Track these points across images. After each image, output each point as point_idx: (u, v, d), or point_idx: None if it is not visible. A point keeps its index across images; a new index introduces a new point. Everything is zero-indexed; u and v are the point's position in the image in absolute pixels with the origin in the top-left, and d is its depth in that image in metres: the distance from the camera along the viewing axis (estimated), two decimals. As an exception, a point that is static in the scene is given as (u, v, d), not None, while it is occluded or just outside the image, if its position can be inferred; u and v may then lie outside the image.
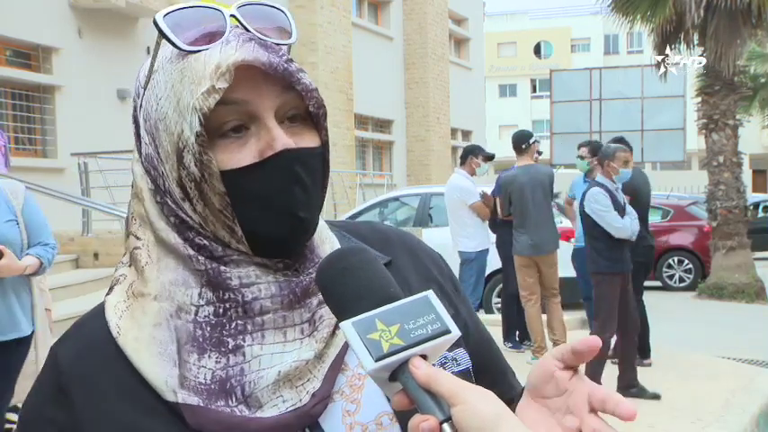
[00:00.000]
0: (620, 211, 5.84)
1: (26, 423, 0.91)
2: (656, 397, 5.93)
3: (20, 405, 3.94)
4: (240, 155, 0.85)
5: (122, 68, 12.06)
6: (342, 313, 0.75)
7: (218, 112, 0.83)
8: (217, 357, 0.85)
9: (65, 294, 7.37)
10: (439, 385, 0.69)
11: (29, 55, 11.43)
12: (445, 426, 0.68)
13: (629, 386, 5.87)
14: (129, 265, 0.93)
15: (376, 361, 0.70)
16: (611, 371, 6.93)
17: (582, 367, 0.80)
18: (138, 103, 0.91)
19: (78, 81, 11.61)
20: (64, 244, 8.99)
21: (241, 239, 0.87)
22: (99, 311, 0.93)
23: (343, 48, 17.82)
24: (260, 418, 0.83)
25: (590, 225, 5.91)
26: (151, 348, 0.85)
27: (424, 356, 0.72)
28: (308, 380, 0.86)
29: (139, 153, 0.92)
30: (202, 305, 0.87)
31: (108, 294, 0.94)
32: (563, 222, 8.98)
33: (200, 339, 0.86)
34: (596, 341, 0.77)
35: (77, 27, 11.73)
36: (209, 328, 0.86)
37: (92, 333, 0.91)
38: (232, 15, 0.87)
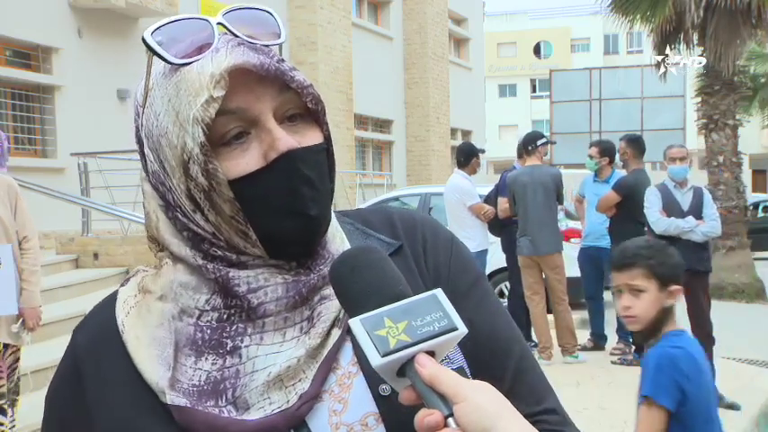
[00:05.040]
0: (677, 209, 5.74)
1: (49, 399, 0.96)
2: (732, 407, 5.61)
3: (5, 406, 4.33)
4: (245, 160, 0.86)
5: (122, 68, 12.07)
6: (352, 311, 0.77)
7: (219, 122, 0.84)
8: (213, 359, 0.87)
9: (65, 294, 7.37)
10: (441, 383, 0.71)
11: (29, 55, 11.43)
12: (449, 420, 0.70)
13: None
14: (154, 267, 0.96)
15: (383, 356, 0.72)
16: (621, 372, 6.93)
17: None
18: (139, 123, 0.92)
19: (78, 81, 11.62)
20: (64, 244, 8.99)
21: (255, 243, 0.88)
22: (112, 301, 0.96)
23: (343, 48, 17.83)
24: (244, 420, 0.84)
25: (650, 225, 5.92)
26: (150, 350, 0.88)
27: (432, 353, 0.74)
28: (300, 380, 0.86)
29: (146, 171, 0.93)
30: (207, 310, 0.88)
31: (122, 285, 0.97)
32: (569, 225, 8.97)
33: (199, 342, 0.87)
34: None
35: (77, 27, 11.74)
36: (209, 332, 0.88)
37: (104, 323, 0.94)
38: (219, 23, 0.88)
